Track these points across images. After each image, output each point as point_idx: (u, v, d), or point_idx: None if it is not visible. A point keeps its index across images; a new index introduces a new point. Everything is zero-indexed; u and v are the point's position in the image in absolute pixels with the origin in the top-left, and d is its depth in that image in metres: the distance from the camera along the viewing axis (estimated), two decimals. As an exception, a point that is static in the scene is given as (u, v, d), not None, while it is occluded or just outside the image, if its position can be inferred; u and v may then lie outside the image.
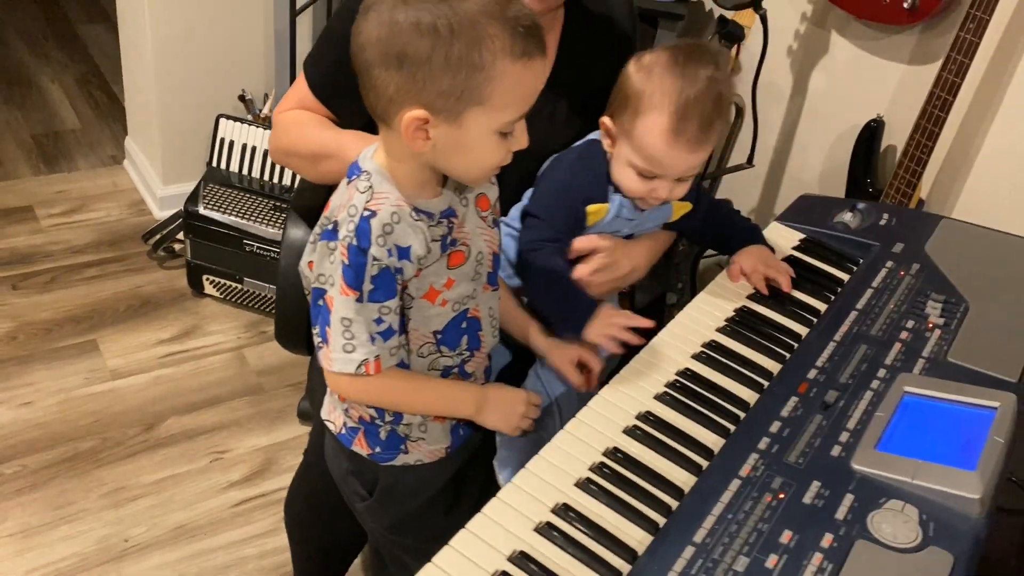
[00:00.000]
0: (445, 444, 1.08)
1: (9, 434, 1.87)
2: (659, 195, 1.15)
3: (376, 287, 0.90)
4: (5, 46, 3.39)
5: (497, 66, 0.84)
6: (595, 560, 0.83)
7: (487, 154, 0.91)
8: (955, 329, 1.14)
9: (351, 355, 0.92)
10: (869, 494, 0.88)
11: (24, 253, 2.36)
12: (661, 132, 1.08)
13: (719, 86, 1.08)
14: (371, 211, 0.89)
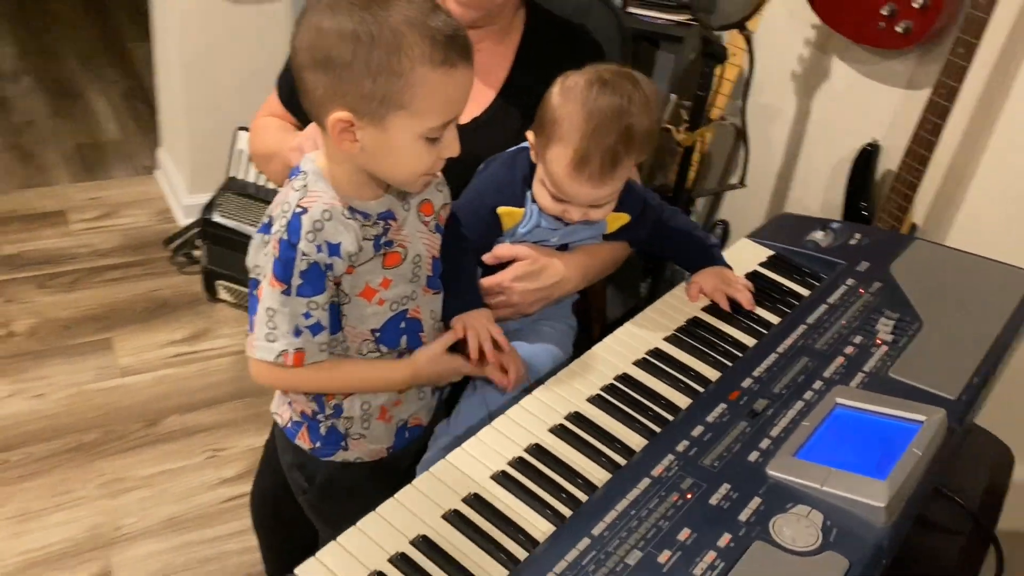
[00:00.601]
0: (387, 444, 1.11)
1: (19, 423, 1.96)
2: (571, 217, 1.14)
3: (304, 281, 0.94)
4: (59, 60, 3.57)
5: (417, 72, 0.88)
6: (495, 547, 0.85)
7: (414, 158, 0.94)
8: (903, 346, 1.13)
9: (272, 344, 0.96)
10: (777, 499, 0.89)
11: (52, 254, 2.48)
12: (565, 166, 1.07)
13: (629, 119, 1.06)
14: (303, 208, 0.94)
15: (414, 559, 0.84)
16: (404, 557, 0.84)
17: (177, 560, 1.72)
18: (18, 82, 3.37)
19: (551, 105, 1.10)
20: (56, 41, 3.71)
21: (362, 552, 0.84)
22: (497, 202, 1.15)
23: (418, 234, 1.04)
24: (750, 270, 1.31)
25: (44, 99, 3.29)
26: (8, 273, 2.38)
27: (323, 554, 0.84)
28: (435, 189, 1.07)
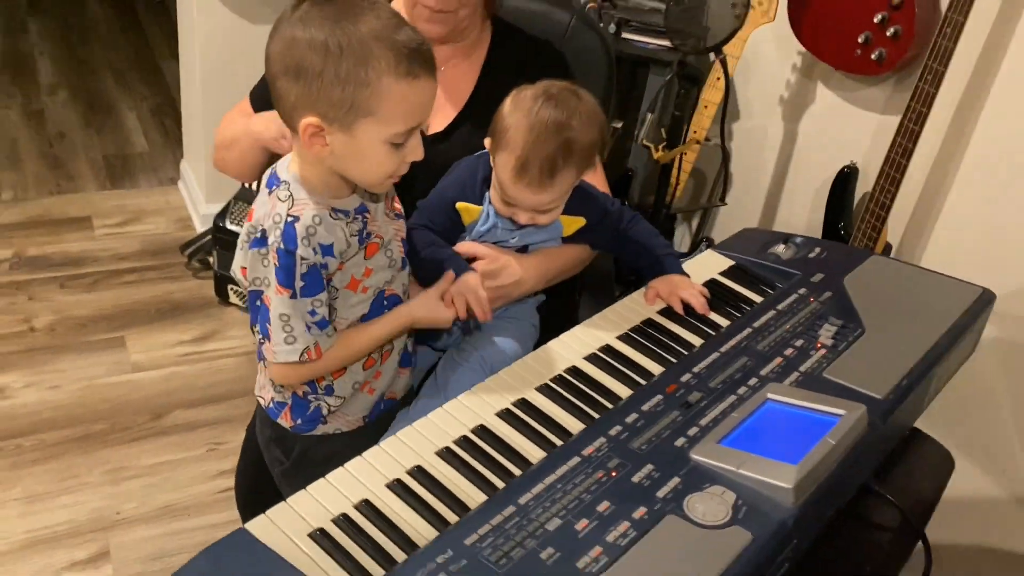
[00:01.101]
0: (363, 414, 1.20)
1: (33, 412, 2.07)
2: (520, 220, 1.22)
3: (306, 283, 1.02)
4: (94, 75, 3.75)
5: (382, 82, 0.96)
6: (430, 513, 0.93)
7: (380, 162, 1.02)
8: (841, 350, 1.19)
9: (293, 346, 1.04)
10: (695, 479, 0.95)
11: (75, 257, 2.61)
12: (509, 171, 1.16)
13: (568, 133, 1.14)
14: (294, 216, 1.01)
15: (355, 520, 0.92)
16: (346, 518, 0.92)
17: (171, 544, 1.81)
18: (55, 95, 3.54)
19: (502, 114, 1.18)
20: (92, 57, 3.89)
21: (308, 512, 0.92)
22: (458, 197, 1.24)
23: (386, 221, 1.13)
24: (709, 278, 1.39)
25: (78, 111, 3.45)
26: (32, 273, 2.52)
27: (273, 512, 0.92)
28: None
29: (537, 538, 0.87)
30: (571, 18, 1.61)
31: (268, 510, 0.92)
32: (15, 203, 2.83)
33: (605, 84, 1.61)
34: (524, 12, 1.63)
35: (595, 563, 0.85)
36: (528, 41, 1.40)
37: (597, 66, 1.60)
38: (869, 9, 1.78)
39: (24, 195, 2.89)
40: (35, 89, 3.56)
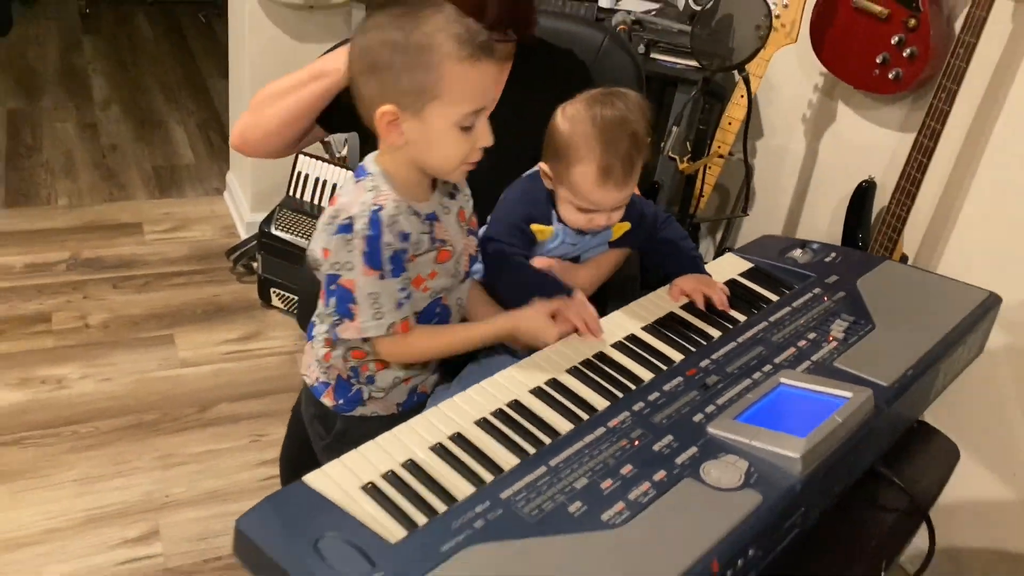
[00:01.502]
0: (398, 402, 1.30)
1: (89, 401, 2.20)
2: (598, 223, 1.33)
3: (393, 266, 1.12)
4: (145, 92, 3.92)
5: (445, 66, 1.06)
6: (466, 470, 1.02)
7: (452, 146, 1.11)
8: (852, 343, 1.28)
9: (380, 321, 1.14)
10: (711, 449, 1.04)
11: (127, 260, 2.75)
12: (592, 179, 1.26)
13: (632, 126, 1.26)
14: (379, 206, 1.11)
15: (401, 476, 1.01)
16: (393, 474, 1.01)
17: (216, 526, 1.92)
18: (108, 110, 3.72)
19: (561, 133, 1.28)
20: (144, 76, 4.07)
21: (360, 469, 1.02)
22: (531, 219, 1.34)
23: (459, 235, 1.23)
24: (728, 278, 1.48)
25: (129, 126, 3.62)
26: (88, 274, 2.66)
27: (328, 467, 1.01)
28: (466, 202, 1.27)
29: (566, 494, 0.97)
30: (603, 38, 1.72)
31: (324, 467, 1.02)
32: (71, 209, 2.99)
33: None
34: (558, 31, 1.75)
35: (618, 516, 0.94)
36: (551, 54, 1.50)
37: (628, 83, 1.71)
38: (887, 31, 1.88)
39: (79, 202, 3.04)
40: (89, 104, 3.74)
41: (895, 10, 1.86)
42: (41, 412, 2.14)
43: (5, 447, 2.03)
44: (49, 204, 3.00)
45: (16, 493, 1.92)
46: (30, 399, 2.17)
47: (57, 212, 2.96)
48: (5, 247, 2.72)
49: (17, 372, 2.24)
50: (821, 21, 2.02)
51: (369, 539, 0.91)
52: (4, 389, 2.19)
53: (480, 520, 0.92)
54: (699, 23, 1.79)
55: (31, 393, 2.19)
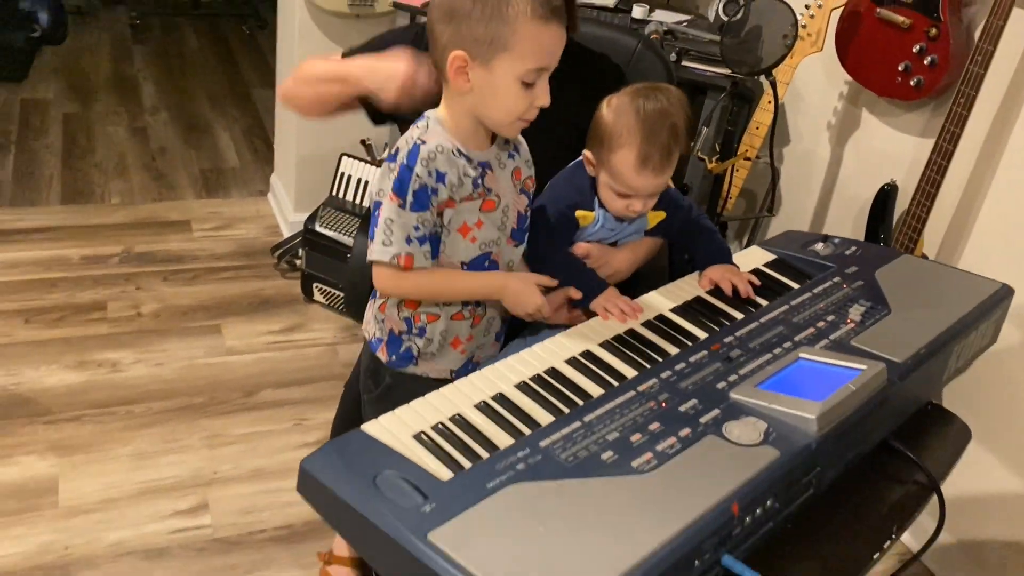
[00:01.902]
0: (452, 367, 1.40)
1: (142, 384, 2.32)
2: (635, 209, 1.43)
3: (415, 199, 1.20)
4: (193, 100, 4.08)
5: (520, 21, 1.14)
6: (508, 425, 1.12)
7: (512, 99, 1.19)
8: (868, 325, 1.36)
9: (388, 248, 1.21)
10: (733, 412, 1.13)
11: (177, 255, 2.89)
12: (631, 165, 1.36)
13: (672, 118, 1.35)
14: (422, 141, 1.21)
15: (449, 428, 1.11)
16: (443, 425, 1.11)
17: (261, 502, 2.02)
18: (157, 115, 3.88)
19: (605, 122, 1.38)
20: (191, 84, 4.24)
21: (412, 420, 1.11)
22: (576, 206, 1.43)
23: (510, 190, 1.32)
24: (753, 268, 1.57)
25: (177, 130, 3.77)
26: (140, 267, 2.79)
27: (383, 418, 1.11)
28: (524, 163, 1.36)
29: (599, 444, 1.05)
30: (637, 44, 1.82)
31: (380, 417, 1.12)
32: (123, 207, 3.13)
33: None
34: (594, 37, 1.85)
35: (646, 464, 1.02)
36: (587, 57, 1.60)
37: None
38: (909, 40, 1.96)
39: (131, 200, 3.19)
40: (139, 109, 3.90)
41: (917, 20, 1.94)
42: (98, 392, 2.26)
43: (65, 423, 2.15)
44: (103, 202, 3.15)
45: (77, 465, 2.04)
46: (87, 380, 2.30)
47: (110, 209, 3.10)
48: (62, 240, 2.86)
49: (75, 355, 2.37)
50: (846, 31, 2.11)
51: (422, 476, 1.00)
52: (63, 370, 2.32)
53: (521, 464, 1.02)
54: (728, 32, 1.88)
55: (88, 375, 2.32)
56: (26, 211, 3.01)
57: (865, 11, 2.06)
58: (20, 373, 2.29)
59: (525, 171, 1.36)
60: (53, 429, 2.13)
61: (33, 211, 3.01)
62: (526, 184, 1.36)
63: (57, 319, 2.50)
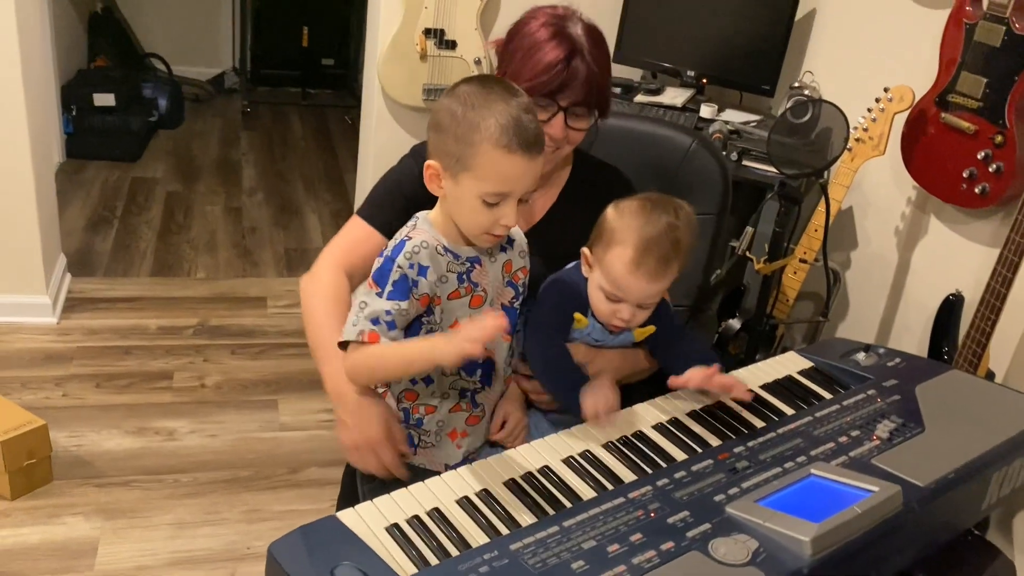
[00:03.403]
0: (447, 462, 1.38)
1: (193, 454, 2.38)
2: (622, 316, 1.36)
3: (394, 288, 1.23)
4: (288, 182, 4.29)
5: (484, 147, 1.19)
6: (486, 523, 1.09)
7: (475, 214, 1.23)
8: (895, 444, 1.27)
9: (355, 327, 1.24)
10: (724, 527, 1.06)
11: (248, 329, 2.99)
12: (625, 263, 1.32)
13: (677, 232, 1.32)
14: (408, 237, 1.26)
15: (424, 521, 1.08)
16: (417, 519, 1.09)
17: (289, 582, 2.02)
18: (253, 196, 4.08)
19: (608, 220, 1.36)
20: (289, 168, 4.46)
21: (388, 511, 1.10)
22: (575, 308, 1.41)
23: (497, 283, 1.33)
24: (785, 375, 1.50)
25: (269, 211, 3.96)
26: (211, 339, 2.90)
27: (360, 507, 1.10)
28: (518, 255, 1.37)
29: (572, 552, 1.01)
30: (692, 142, 1.82)
31: (357, 506, 1.11)
32: (206, 281, 3.28)
33: (720, 201, 1.79)
34: (646, 134, 1.86)
35: (617, 577, 0.97)
36: (604, 171, 1.59)
37: (713, 185, 1.79)
38: (974, 147, 1.88)
39: (215, 275, 3.34)
40: (237, 190, 4.12)
41: (982, 126, 1.87)
42: (150, 459, 2.33)
43: (115, 487, 2.22)
44: (189, 276, 3.31)
45: (118, 530, 2.09)
46: (143, 446, 2.38)
47: (194, 283, 3.26)
48: (144, 310, 3.01)
49: (136, 421, 2.46)
50: (911, 136, 2.05)
51: (382, 571, 0.98)
52: (122, 435, 2.40)
53: (486, 567, 0.98)
54: (779, 132, 1.86)
55: (144, 441, 2.40)
56: (117, 281, 3.19)
57: (930, 116, 2.00)
58: (83, 435, 2.38)
59: (517, 263, 1.37)
60: (103, 492, 2.20)
61: (123, 281, 3.19)
62: (515, 276, 1.36)
63: (126, 385, 2.61)
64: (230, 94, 5.33)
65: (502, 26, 2.97)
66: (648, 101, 2.72)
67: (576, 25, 1.41)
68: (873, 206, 2.32)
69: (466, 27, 2.86)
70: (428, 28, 2.82)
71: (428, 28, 2.82)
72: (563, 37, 1.39)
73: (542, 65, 1.37)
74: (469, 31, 2.87)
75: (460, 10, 2.82)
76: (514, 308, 1.38)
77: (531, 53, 1.38)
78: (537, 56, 1.38)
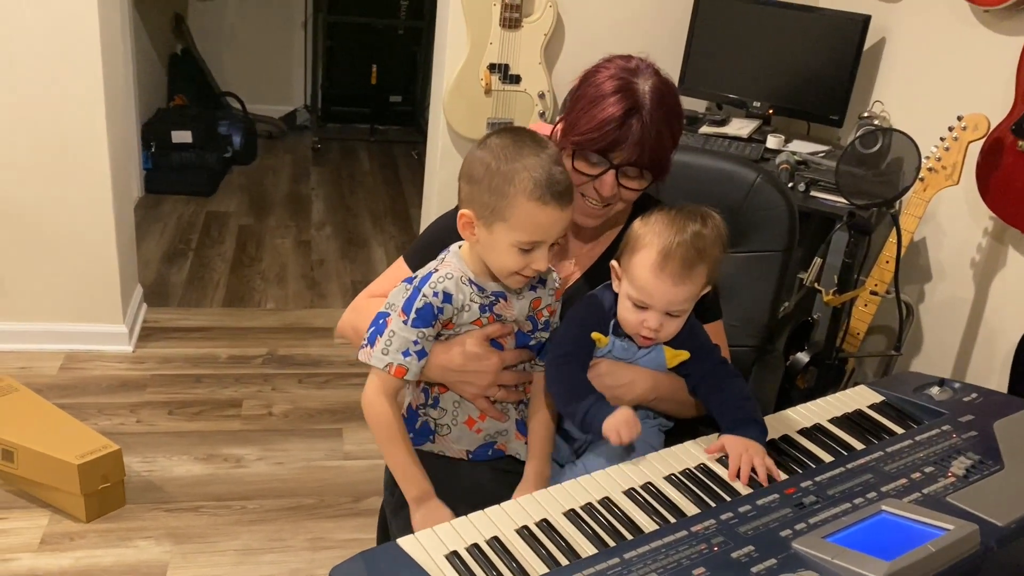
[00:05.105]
0: (468, 448, 1.40)
1: (260, 481, 2.42)
2: (650, 325, 1.33)
3: (418, 316, 1.28)
4: (356, 216, 4.37)
5: (518, 199, 1.23)
6: (545, 553, 1.08)
7: (507, 259, 1.28)
8: (971, 481, 1.22)
9: (386, 357, 1.29)
10: (791, 564, 1.04)
11: (315, 359, 3.04)
12: (649, 265, 1.30)
13: (702, 241, 1.30)
14: (436, 270, 1.31)
15: (484, 550, 1.08)
16: (477, 547, 1.09)
17: (351, 611, 2.02)
18: (322, 230, 4.18)
19: (634, 230, 1.36)
20: (357, 202, 4.55)
21: (448, 538, 1.10)
22: (592, 328, 1.38)
23: (520, 317, 1.36)
24: (855, 409, 1.46)
25: (337, 244, 4.04)
26: (280, 369, 2.96)
27: (420, 534, 1.10)
28: (548, 293, 1.39)
29: (632, 585, 1.00)
30: (756, 177, 1.79)
31: (417, 532, 1.11)
32: (275, 312, 3.35)
33: (787, 239, 1.75)
34: (708, 169, 1.84)
35: (678, 611, 0.95)
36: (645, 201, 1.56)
37: (778, 221, 1.76)
38: (1053, 175, 1.82)
39: (284, 307, 3.41)
40: (307, 224, 4.22)
41: (1062, 154, 1.81)
42: (219, 485, 2.38)
43: (184, 512, 2.27)
44: (259, 307, 3.39)
45: (187, 554, 2.13)
46: (211, 473, 2.42)
47: (264, 314, 3.33)
48: (216, 340, 3.09)
49: (205, 448, 2.52)
50: (986, 165, 2.00)
51: (439, 598, 0.98)
52: (192, 461, 2.46)
53: (544, 597, 0.97)
54: (848, 162, 1.82)
55: (213, 467, 2.45)
56: (190, 311, 3.28)
57: (1007, 144, 1.94)
58: (155, 461, 2.45)
59: (545, 301, 1.39)
60: (173, 516, 2.25)
61: (196, 311, 3.29)
62: (540, 313, 1.38)
63: (196, 413, 2.68)
64: (301, 131, 5.48)
65: (565, 60, 3.00)
66: (713, 132, 2.70)
67: (646, 81, 1.37)
68: (948, 237, 2.25)
69: (530, 62, 2.90)
70: (493, 63, 2.87)
71: (493, 63, 2.87)
72: (627, 93, 1.35)
73: (597, 121, 1.35)
74: (533, 65, 2.91)
75: (524, 45, 2.86)
76: (528, 335, 1.39)
77: (592, 105, 1.37)
78: (595, 110, 1.36)
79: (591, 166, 1.39)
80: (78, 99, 2.59)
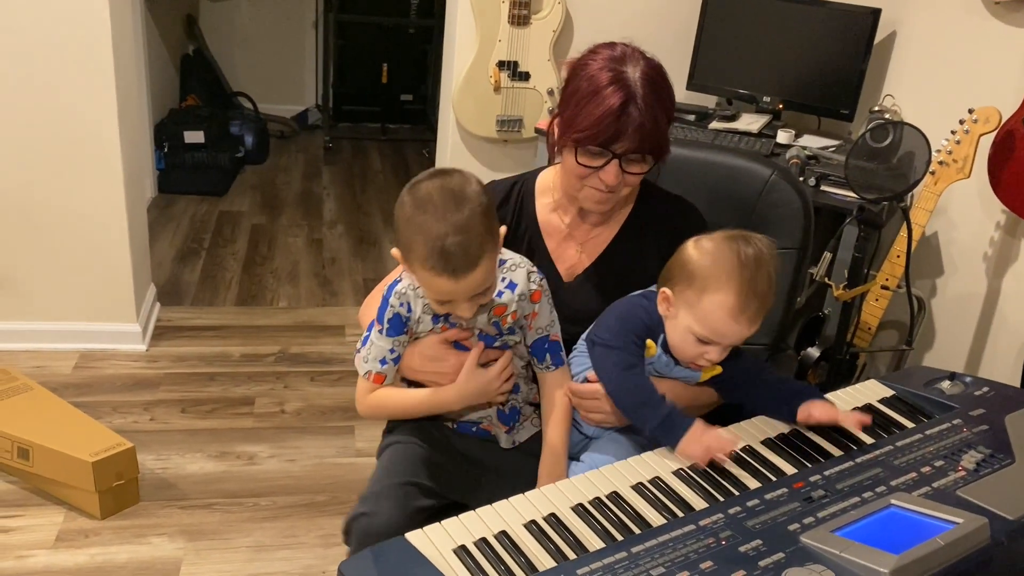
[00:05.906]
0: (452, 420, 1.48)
1: (272, 478, 2.43)
2: (710, 358, 1.35)
3: (390, 326, 1.36)
4: (367, 215, 4.38)
5: (415, 265, 1.26)
6: (552, 547, 1.08)
7: (433, 299, 1.32)
8: (981, 475, 1.22)
9: (366, 364, 1.39)
10: (799, 557, 1.04)
11: (326, 357, 3.05)
12: (728, 310, 1.29)
13: (768, 268, 1.30)
14: (399, 279, 1.38)
15: (492, 544, 1.09)
16: (485, 541, 1.09)
17: (363, 607, 2.03)
18: (334, 228, 4.19)
19: (697, 264, 1.32)
20: (368, 201, 4.56)
21: (456, 533, 1.10)
22: (647, 334, 1.39)
23: (483, 323, 1.39)
24: (865, 403, 1.45)
25: (349, 243, 4.05)
26: (291, 367, 2.97)
27: (428, 529, 1.11)
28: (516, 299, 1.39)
29: (639, 578, 1.00)
30: (771, 173, 1.77)
31: (426, 527, 1.11)
32: (288, 310, 3.37)
33: (801, 234, 1.74)
34: (722, 165, 1.82)
35: (685, 605, 0.96)
36: (667, 203, 1.56)
37: (794, 219, 1.74)
38: (1066, 168, 1.81)
39: (296, 305, 3.43)
40: (319, 222, 4.23)
41: (1074, 146, 1.79)
42: (231, 482, 2.39)
43: (198, 509, 2.28)
44: (271, 305, 3.40)
45: (200, 551, 2.15)
46: (224, 470, 2.44)
47: (276, 312, 3.35)
48: (229, 338, 3.11)
49: (218, 446, 2.53)
50: (998, 158, 1.98)
51: (447, 592, 0.98)
52: (205, 459, 2.47)
53: (552, 590, 0.98)
54: (857, 156, 1.82)
55: (226, 465, 2.46)
56: (203, 310, 3.30)
57: (1019, 137, 1.93)
58: (168, 459, 2.46)
59: (512, 308, 1.39)
60: (186, 514, 2.26)
61: (209, 310, 3.30)
62: (504, 320, 1.40)
63: (209, 411, 2.69)
64: (313, 130, 5.50)
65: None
66: (724, 128, 2.70)
67: (635, 68, 1.37)
68: (959, 231, 2.24)
69: (539, 59, 2.90)
70: (502, 60, 2.87)
71: (502, 60, 2.87)
72: (620, 83, 1.35)
73: (595, 116, 1.35)
74: (542, 62, 2.91)
75: (533, 42, 2.86)
76: (493, 338, 1.42)
77: (587, 100, 1.36)
78: (591, 106, 1.35)
79: (594, 158, 1.39)
80: (91, 100, 2.61)
